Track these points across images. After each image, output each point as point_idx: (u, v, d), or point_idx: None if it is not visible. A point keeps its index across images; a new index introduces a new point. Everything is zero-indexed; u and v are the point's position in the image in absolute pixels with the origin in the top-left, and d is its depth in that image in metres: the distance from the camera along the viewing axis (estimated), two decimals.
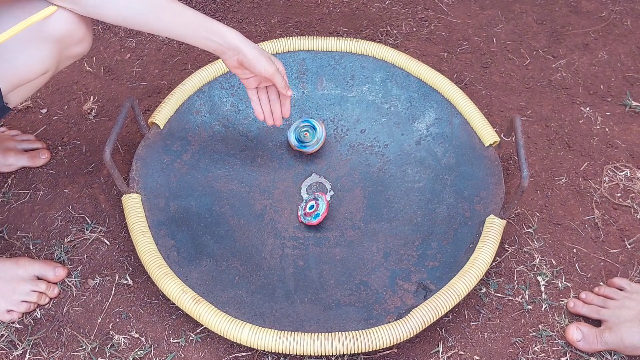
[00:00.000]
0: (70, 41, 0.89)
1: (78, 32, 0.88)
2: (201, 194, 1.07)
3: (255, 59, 0.91)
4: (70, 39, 0.88)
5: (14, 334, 0.94)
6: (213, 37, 0.89)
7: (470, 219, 1.01)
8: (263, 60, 0.92)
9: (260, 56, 0.92)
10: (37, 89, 0.96)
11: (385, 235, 1.05)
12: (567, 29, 1.41)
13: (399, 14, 1.45)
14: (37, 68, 0.87)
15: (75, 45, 0.90)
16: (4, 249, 1.03)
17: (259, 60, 0.92)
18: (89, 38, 0.92)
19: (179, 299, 0.88)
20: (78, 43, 0.90)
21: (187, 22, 0.88)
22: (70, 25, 0.87)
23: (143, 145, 1.07)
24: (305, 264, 1.01)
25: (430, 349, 0.93)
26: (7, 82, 0.86)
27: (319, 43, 1.20)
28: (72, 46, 0.90)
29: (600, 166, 1.15)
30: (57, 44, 0.87)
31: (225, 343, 0.94)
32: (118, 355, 0.92)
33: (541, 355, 0.93)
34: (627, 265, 1.02)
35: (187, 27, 0.88)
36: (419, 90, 1.16)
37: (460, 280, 0.90)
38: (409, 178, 1.11)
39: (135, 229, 0.95)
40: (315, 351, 0.83)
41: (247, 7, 1.48)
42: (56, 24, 0.85)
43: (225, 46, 0.90)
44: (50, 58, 0.88)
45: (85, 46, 0.92)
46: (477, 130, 1.08)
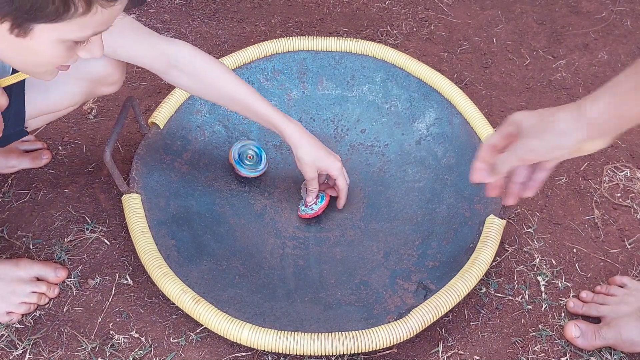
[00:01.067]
0: (104, 82, 0.94)
1: (114, 75, 0.94)
2: (201, 193, 1.07)
3: (298, 160, 0.99)
4: (105, 81, 0.93)
5: (14, 334, 0.94)
6: (276, 131, 0.97)
7: (470, 218, 1.01)
8: (305, 165, 0.99)
9: (305, 161, 0.98)
10: (57, 118, 0.99)
11: (386, 235, 1.05)
12: (567, 29, 1.41)
13: (399, 14, 1.45)
14: (67, 101, 0.92)
15: (107, 86, 0.95)
16: (4, 248, 1.03)
17: (302, 163, 0.99)
18: (121, 81, 0.97)
19: (179, 298, 0.88)
20: (110, 85, 0.95)
21: (257, 115, 0.96)
22: (109, 68, 0.92)
23: (143, 145, 1.07)
24: (305, 263, 1.01)
25: (430, 349, 0.93)
26: (35, 109, 0.90)
27: (319, 43, 1.20)
28: (105, 87, 0.95)
29: (600, 166, 1.15)
30: (92, 83, 0.92)
31: (225, 343, 0.94)
32: (118, 355, 0.92)
33: (541, 355, 0.93)
34: (627, 265, 1.02)
35: (257, 118, 0.97)
36: (419, 90, 1.16)
37: (460, 280, 0.90)
38: (409, 178, 1.11)
39: (135, 229, 0.95)
40: (315, 351, 0.83)
41: (247, 7, 1.48)
42: (97, 65, 0.90)
43: (286, 141, 0.98)
44: (81, 94, 0.93)
45: (116, 87, 0.97)
46: (477, 130, 1.08)
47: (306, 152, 0.97)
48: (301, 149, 0.97)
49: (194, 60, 0.93)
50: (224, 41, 1.39)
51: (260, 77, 1.19)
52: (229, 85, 0.95)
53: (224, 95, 0.96)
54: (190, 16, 1.45)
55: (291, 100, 1.20)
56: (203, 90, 0.96)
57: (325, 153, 1.00)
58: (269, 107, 0.96)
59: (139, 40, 0.89)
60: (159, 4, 1.48)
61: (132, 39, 0.88)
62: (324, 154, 1.00)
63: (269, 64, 1.19)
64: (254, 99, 0.95)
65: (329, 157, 1.00)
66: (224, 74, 0.95)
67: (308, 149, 0.97)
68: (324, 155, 1.00)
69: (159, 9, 1.46)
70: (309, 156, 0.98)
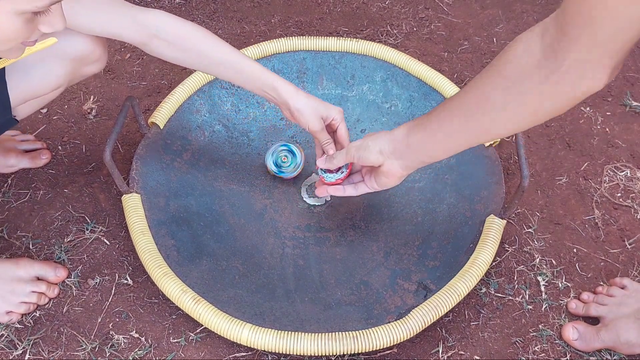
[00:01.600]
0: (86, 61, 0.92)
1: (95, 52, 0.92)
2: (201, 193, 1.07)
3: (299, 112, 0.92)
4: (86, 59, 0.91)
5: (14, 334, 0.94)
6: (267, 90, 0.92)
7: (470, 218, 1.00)
8: (307, 115, 0.92)
9: (305, 111, 0.92)
10: (46, 104, 0.98)
11: (386, 235, 1.05)
12: None
13: (399, 13, 1.45)
14: (51, 84, 0.90)
15: (90, 64, 0.93)
16: (4, 248, 1.03)
17: (303, 115, 0.92)
18: (104, 58, 0.95)
19: (179, 298, 0.88)
20: (93, 63, 0.94)
21: (244, 75, 0.92)
22: (89, 45, 0.90)
23: (143, 144, 1.06)
24: (305, 263, 1.01)
25: (430, 349, 0.93)
26: (19, 95, 0.88)
27: (319, 43, 1.20)
28: (88, 65, 0.93)
29: (600, 166, 1.15)
30: (74, 63, 0.90)
31: (225, 343, 0.94)
32: (118, 355, 0.92)
33: (541, 355, 0.93)
34: (627, 265, 1.02)
35: (245, 80, 0.93)
36: (420, 90, 1.16)
37: (461, 280, 0.90)
38: (409, 177, 1.11)
39: (135, 229, 0.95)
40: (315, 351, 0.83)
41: (247, 7, 1.48)
42: (75, 44, 0.88)
43: (278, 100, 0.93)
44: (64, 75, 0.90)
45: (100, 66, 0.96)
46: None
47: (305, 103, 0.92)
48: (299, 101, 0.92)
49: (174, 26, 0.89)
50: None
51: None
52: (214, 48, 0.92)
53: (210, 61, 0.92)
54: (190, 16, 1.45)
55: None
56: (187, 57, 0.92)
57: (322, 102, 0.96)
58: (259, 67, 0.93)
59: (115, 13, 0.86)
60: (159, 3, 1.48)
61: (108, 13, 0.85)
62: (322, 102, 0.95)
63: (269, 63, 1.19)
64: (243, 60, 0.92)
65: (328, 104, 0.96)
66: (207, 37, 0.92)
67: (305, 100, 0.93)
68: (323, 102, 0.95)
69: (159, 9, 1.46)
70: (308, 105, 0.93)
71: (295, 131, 1.18)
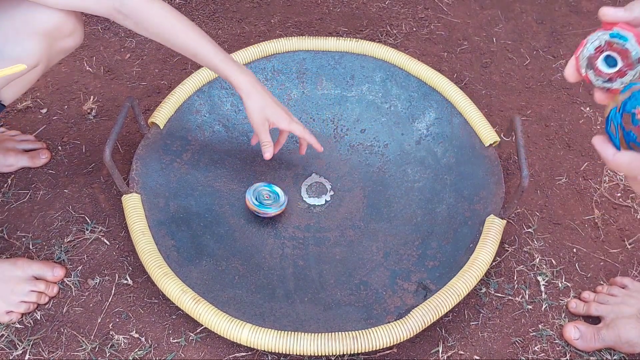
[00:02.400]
0: (59, 34, 0.89)
1: (67, 25, 0.89)
2: (201, 193, 1.07)
3: (246, 109, 0.96)
4: (59, 32, 0.89)
5: (14, 334, 0.94)
6: (227, 80, 0.95)
7: (470, 218, 1.00)
8: (253, 115, 0.96)
9: (252, 112, 0.95)
10: (31, 85, 0.96)
11: (385, 235, 1.05)
12: (567, 29, 1.41)
13: (399, 13, 1.45)
14: (27, 61, 0.87)
15: (65, 38, 0.90)
16: (4, 249, 1.03)
17: (249, 113, 0.96)
18: (79, 31, 0.92)
19: (179, 298, 0.88)
20: (68, 36, 0.91)
21: (204, 64, 0.94)
22: (58, 18, 0.87)
23: (143, 145, 1.07)
24: (305, 263, 1.01)
25: (430, 349, 0.93)
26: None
27: (318, 43, 1.20)
28: (62, 39, 0.90)
29: (600, 166, 1.15)
30: (46, 37, 0.87)
31: (225, 343, 0.94)
32: (118, 355, 0.92)
33: (541, 355, 0.93)
34: (627, 265, 1.02)
35: (206, 66, 0.95)
36: (419, 90, 1.16)
37: (460, 280, 0.90)
38: (409, 178, 1.11)
39: (135, 229, 0.95)
40: (315, 351, 0.83)
41: (246, 7, 1.48)
42: (43, 17, 0.86)
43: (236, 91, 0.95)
44: (39, 51, 0.87)
45: (77, 39, 0.93)
46: (477, 130, 1.08)
47: (255, 102, 0.95)
48: (250, 99, 0.94)
49: (140, 6, 0.89)
50: (223, 41, 1.39)
51: (260, 77, 1.19)
52: (177, 33, 0.92)
53: (171, 44, 0.93)
54: (190, 16, 1.45)
55: (291, 100, 1.20)
56: (150, 35, 0.92)
57: (274, 104, 0.97)
58: (219, 56, 0.93)
59: None
60: None
61: None
62: (274, 106, 0.97)
63: (269, 64, 1.19)
64: (203, 47, 0.92)
65: (278, 108, 0.97)
66: (171, 19, 0.91)
67: (257, 99, 0.95)
68: (274, 106, 0.97)
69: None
70: (257, 106, 0.95)
71: None
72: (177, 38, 0.92)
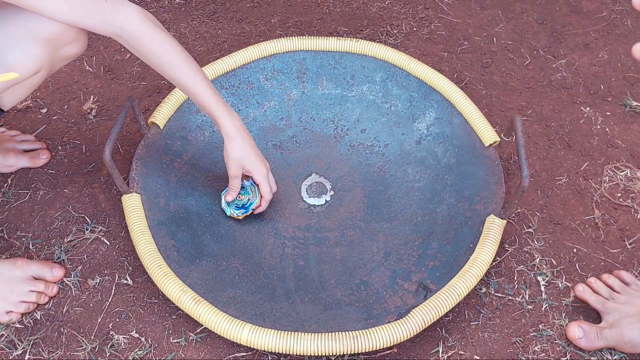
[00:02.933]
0: (62, 41, 0.89)
1: (70, 32, 0.89)
2: (201, 193, 1.07)
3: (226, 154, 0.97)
4: (62, 39, 0.89)
5: (13, 334, 0.94)
6: (212, 119, 0.95)
7: (470, 218, 1.00)
8: (230, 161, 0.97)
9: (230, 158, 0.96)
10: (32, 91, 0.96)
11: (386, 235, 1.05)
12: (568, 29, 1.41)
13: (399, 13, 1.45)
14: (29, 67, 0.87)
15: (68, 45, 0.90)
16: (4, 248, 1.03)
17: (227, 158, 0.97)
18: (83, 38, 0.92)
19: (179, 299, 0.88)
20: (71, 43, 0.91)
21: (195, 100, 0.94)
22: (61, 25, 0.87)
23: (143, 145, 1.07)
24: (305, 263, 1.01)
25: (430, 349, 0.93)
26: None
27: (319, 43, 1.20)
28: (65, 46, 0.90)
29: (600, 166, 1.15)
30: (49, 44, 0.87)
31: (225, 343, 0.94)
32: (118, 355, 0.92)
33: (541, 355, 0.93)
34: (627, 265, 1.02)
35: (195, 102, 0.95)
36: (419, 90, 1.16)
37: (461, 280, 0.90)
38: (409, 178, 1.11)
39: (135, 229, 0.95)
40: (315, 351, 0.83)
41: (247, 7, 1.47)
42: (46, 24, 0.86)
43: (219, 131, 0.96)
44: (41, 57, 0.88)
45: (80, 46, 0.93)
46: (477, 130, 1.08)
47: (235, 148, 0.95)
48: (231, 143, 0.95)
49: (139, 31, 0.89)
50: (223, 41, 1.39)
51: (260, 77, 1.19)
52: (173, 66, 0.91)
53: (166, 75, 0.93)
54: (190, 16, 1.45)
55: (291, 100, 1.20)
56: (148, 62, 0.93)
57: (254, 155, 0.98)
58: (208, 94, 0.93)
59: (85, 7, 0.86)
60: (159, 3, 1.48)
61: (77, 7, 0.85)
62: (253, 156, 0.98)
63: (269, 63, 1.19)
64: (194, 83, 0.92)
65: (258, 160, 0.98)
66: (169, 52, 0.91)
67: (238, 145, 0.95)
68: (253, 156, 0.98)
69: (159, 9, 1.46)
70: (237, 153, 0.96)
71: (295, 131, 1.18)
72: (173, 71, 0.92)
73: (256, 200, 1.03)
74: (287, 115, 1.19)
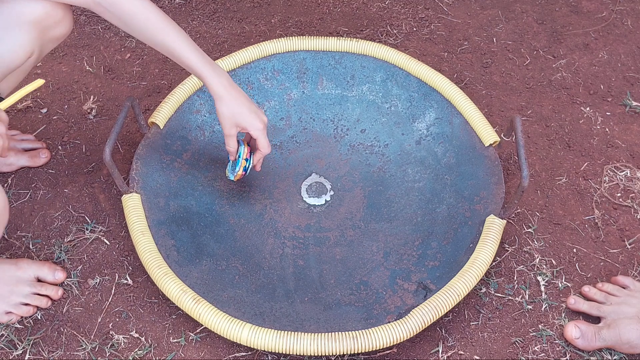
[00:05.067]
0: (49, 23, 0.90)
1: (55, 13, 0.90)
2: (201, 193, 1.07)
3: (217, 113, 0.94)
4: (48, 21, 0.89)
5: (13, 334, 0.94)
6: (200, 79, 0.93)
7: (470, 218, 1.00)
8: (223, 119, 0.94)
9: (223, 115, 0.94)
10: (25, 75, 0.98)
11: (386, 235, 1.05)
12: (568, 29, 1.41)
13: (399, 13, 1.45)
14: (21, 53, 0.88)
15: (55, 26, 0.91)
16: (4, 248, 1.03)
17: (220, 117, 0.94)
18: (68, 19, 0.93)
19: (179, 298, 0.88)
20: (58, 24, 0.91)
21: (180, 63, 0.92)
22: (45, 7, 0.88)
23: (143, 144, 1.07)
24: (305, 263, 1.01)
25: (430, 349, 0.93)
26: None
27: (319, 43, 1.20)
28: (52, 28, 0.91)
29: (600, 166, 1.15)
30: (36, 27, 0.88)
31: (225, 343, 0.94)
32: (118, 354, 0.92)
33: (541, 355, 0.93)
34: (627, 265, 1.02)
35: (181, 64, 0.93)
36: (419, 90, 1.16)
37: (460, 280, 0.90)
38: (409, 178, 1.11)
39: (135, 229, 0.95)
40: (315, 351, 0.83)
41: (247, 7, 1.48)
42: (30, 7, 0.87)
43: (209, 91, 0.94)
44: (31, 41, 0.89)
45: (66, 27, 0.94)
46: (477, 130, 1.08)
47: (225, 107, 0.92)
48: (221, 102, 0.92)
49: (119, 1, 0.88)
50: (223, 41, 1.39)
51: (260, 76, 1.19)
52: (156, 29, 0.90)
53: (149, 40, 0.92)
54: (190, 16, 1.45)
55: (291, 100, 1.20)
56: (128, 29, 0.92)
57: (248, 110, 0.94)
58: (193, 54, 0.91)
59: None
60: (159, 3, 1.48)
61: None
62: (247, 111, 0.94)
63: (269, 63, 1.19)
64: (178, 44, 0.91)
65: (252, 114, 0.94)
66: (151, 15, 0.90)
67: (229, 102, 0.92)
68: (247, 111, 0.94)
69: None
70: (227, 111, 0.93)
71: (295, 131, 1.18)
72: (156, 34, 0.91)
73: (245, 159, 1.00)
74: (287, 115, 1.19)
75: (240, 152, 1.00)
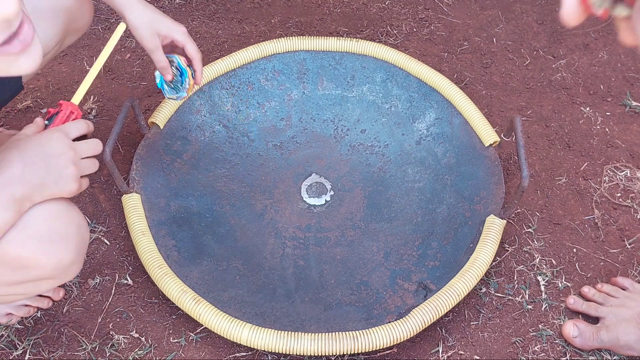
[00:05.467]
0: (76, 14, 0.90)
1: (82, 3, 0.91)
2: (202, 193, 1.07)
3: (131, 27, 0.84)
4: (76, 12, 0.90)
5: (14, 334, 0.94)
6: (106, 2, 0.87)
7: (470, 218, 1.01)
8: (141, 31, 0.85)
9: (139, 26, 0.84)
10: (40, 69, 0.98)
11: (386, 235, 1.05)
12: (568, 29, 1.41)
13: (399, 14, 1.45)
14: (51, 40, 0.88)
15: (80, 18, 0.92)
16: None
17: (136, 30, 0.85)
18: (90, 12, 0.94)
19: (179, 299, 0.88)
20: (83, 15, 0.92)
21: None
22: None
23: (143, 145, 1.07)
24: (305, 263, 1.01)
25: (430, 349, 0.93)
26: None
27: (319, 43, 1.20)
28: (78, 20, 0.91)
29: (600, 166, 1.15)
30: (66, 15, 0.87)
31: (225, 343, 0.94)
32: (118, 355, 0.92)
33: (541, 355, 0.93)
34: (627, 265, 1.02)
35: None
36: (419, 90, 1.16)
37: (461, 280, 0.90)
38: (409, 178, 1.11)
39: (135, 229, 0.95)
40: (315, 351, 0.83)
41: (247, 7, 1.48)
42: None
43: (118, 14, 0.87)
44: (61, 31, 0.88)
45: (87, 18, 0.94)
46: (477, 130, 1.08)
47: (138, 16, 0.83)
48: (132, 13, 0.82)
49: None
50: (223, 41, 1.39)
51: (260, 77, 1.19)
52: None
53: None
54: (190, 16, 1.45)
55: (291, 101, 1.20)
56: None
57: (163, 17, 0.86)
58: None
59: None
60: (159, 3, 1.48)
61: None
62: (163, 16, 0.86)
63: (269, 64, 1.19)
64: None
65: (170, 20, 0.87)
66: None
67: (143, 10, 0.83)
68: (163, 17, 0.86)
69: (159, 9, 1.46)
70: (144, 18, 0.83)
71: (295, 131, 1.18)
72: None
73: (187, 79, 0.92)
74: (287, 115, 1.19)
75: (179, 62, 0.90)
